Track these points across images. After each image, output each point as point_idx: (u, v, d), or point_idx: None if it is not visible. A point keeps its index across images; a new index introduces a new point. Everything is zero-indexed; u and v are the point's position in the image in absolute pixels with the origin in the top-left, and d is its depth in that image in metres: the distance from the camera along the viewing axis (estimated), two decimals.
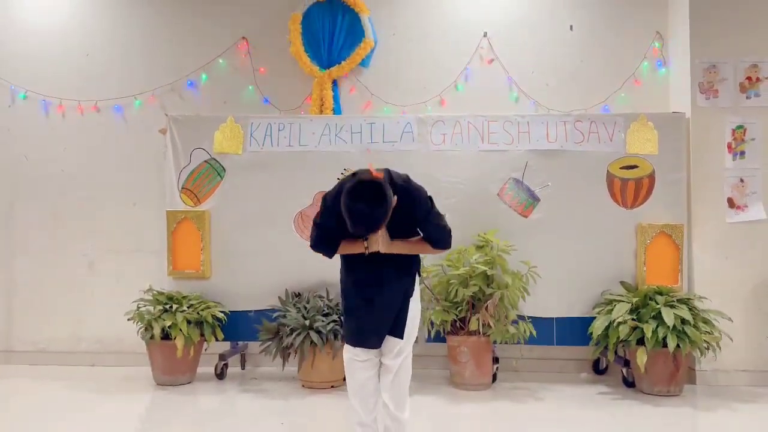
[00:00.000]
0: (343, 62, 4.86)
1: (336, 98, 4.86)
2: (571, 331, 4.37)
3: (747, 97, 4.42)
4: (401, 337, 2.82)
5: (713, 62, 4.43)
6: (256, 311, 4.47)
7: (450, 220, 4.33)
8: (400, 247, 2.83)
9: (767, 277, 4.34)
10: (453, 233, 4.49)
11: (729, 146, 4.40)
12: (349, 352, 2.87)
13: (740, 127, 4.40)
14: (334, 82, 4.89)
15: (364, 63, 4.92)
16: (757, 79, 4.42)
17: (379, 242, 2.78)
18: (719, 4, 4.42)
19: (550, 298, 4.35)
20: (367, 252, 2.80)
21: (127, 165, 4.99)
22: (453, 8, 4.93)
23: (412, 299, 2.88)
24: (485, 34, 4.88)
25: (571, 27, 4.87)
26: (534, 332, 4.18)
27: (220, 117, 4.62)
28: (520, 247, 4.25)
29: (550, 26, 4.88)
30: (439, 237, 2.87)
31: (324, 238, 2.85)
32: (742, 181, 4.40)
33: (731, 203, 4.40)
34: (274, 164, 4.55)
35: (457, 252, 4.23)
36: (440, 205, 4.32)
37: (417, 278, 2.95)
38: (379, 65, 4.95)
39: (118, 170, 5.00)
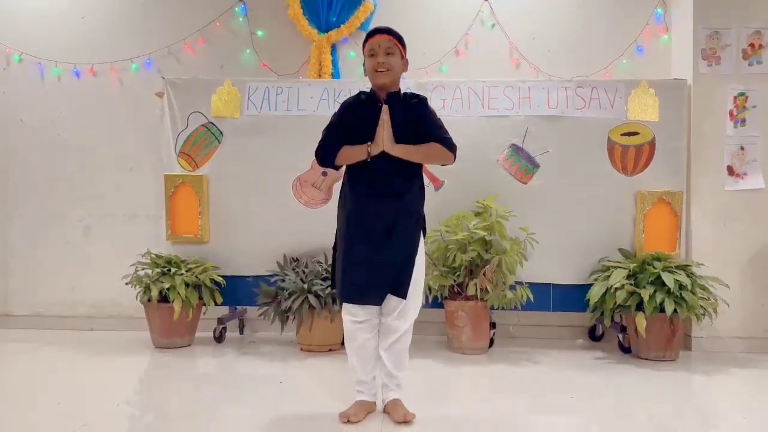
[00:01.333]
0: (342, 26, 4.79)
1: (335, 63, 4.81)
2: (568, 297, 4.38)
3: (749, 64, 4.39)
4: (404, 297, 2.72)
5: (716, 28, 4.39)
6: (254, 276, 4.47)
7: (449, 185, 4.38)
8: (404, 150, 2.71)
9: (764, 245, 4.35)
10: (452, 199, 4.49)
11: (731, 113, 4.37)
12: (347, 314, 2.77)
13: (742, 94, 4.37)
14: (333, 47, 4.84)
15: (363, 27, 4.84)
16: (760, 46, 4.38)
17: (384, 141, 2.69)
18: None
19: (548, 265, 4.35)
20: (369, 157, 2.69)
21: (124, 129, 4.95)
22: None
23: (417, 256, 2.77)
24: None
25: None
26: (531, 297, 4.20)
27: (217, 80, 4.56)
28: (518, 214, 4.25)
29: None
30: (444, 136, 2.77)
31: (330, 137, 2.78)
32: (742, 148, 4.38)
33: (731, 171, 4.38)
34: (272, 128, 4.50)
35: (455, 218, 4.23)
36: (438, 170, 4.39)
37: (422, 235, 2.86)
38: None
39: (115, 134, 4.95)
